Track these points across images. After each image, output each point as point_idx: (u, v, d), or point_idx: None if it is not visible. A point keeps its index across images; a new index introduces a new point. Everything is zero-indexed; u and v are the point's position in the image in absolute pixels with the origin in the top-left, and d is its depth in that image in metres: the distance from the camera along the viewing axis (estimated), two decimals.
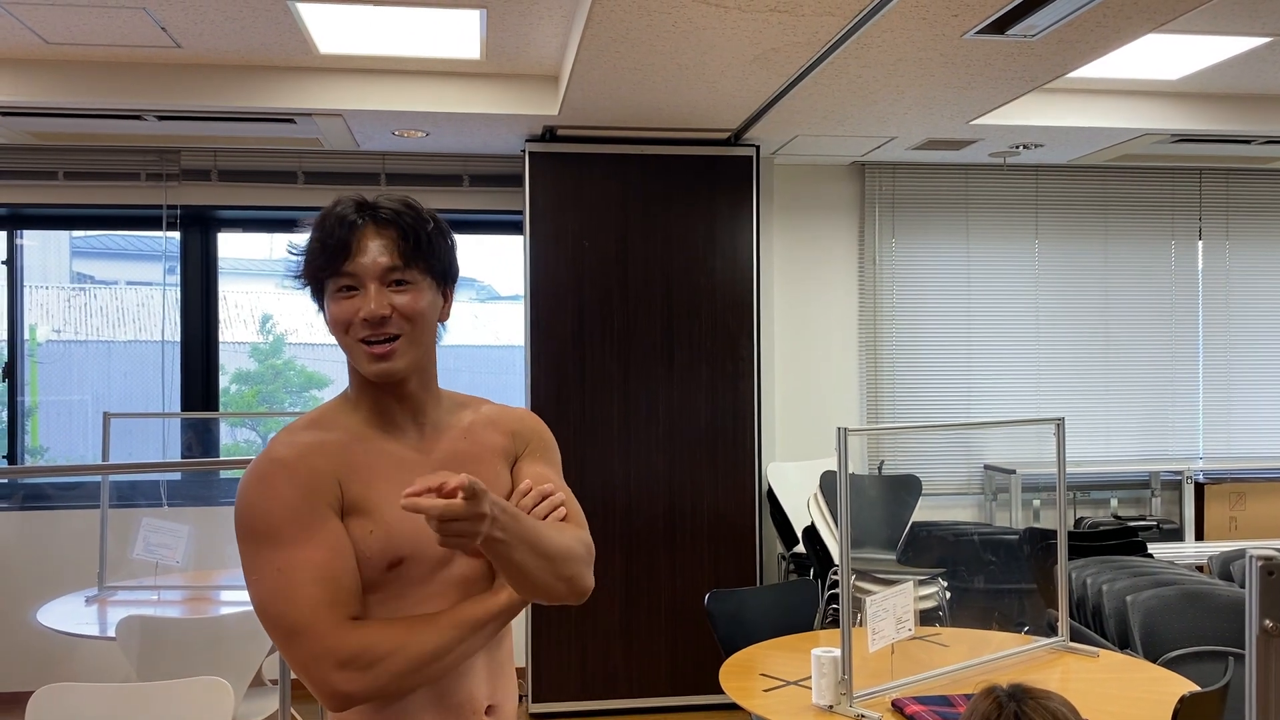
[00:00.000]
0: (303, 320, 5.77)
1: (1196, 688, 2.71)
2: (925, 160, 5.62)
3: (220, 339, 5.50)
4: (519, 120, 4.56)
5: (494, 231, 5.68)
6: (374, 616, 1.47)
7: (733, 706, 3.91)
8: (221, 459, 5.50)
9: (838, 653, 2.63)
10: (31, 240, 5.54)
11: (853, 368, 5.70)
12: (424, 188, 5.35)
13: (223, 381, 5.66)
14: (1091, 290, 5.90)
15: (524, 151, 4.90)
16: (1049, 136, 4.99)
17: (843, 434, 2.64)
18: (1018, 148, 5.27)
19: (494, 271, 5.83)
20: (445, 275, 1.58)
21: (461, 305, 6.06)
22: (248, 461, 1.60)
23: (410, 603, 1.49)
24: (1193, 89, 4.70)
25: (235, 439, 5.79)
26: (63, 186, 5.16)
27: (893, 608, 2.73)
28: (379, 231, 1.49)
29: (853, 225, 5.71)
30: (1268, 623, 1.00)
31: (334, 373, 5.74)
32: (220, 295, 5.52)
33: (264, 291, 5.80)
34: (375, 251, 1.48)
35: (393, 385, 1.53)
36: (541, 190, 4.88)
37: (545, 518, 1.55)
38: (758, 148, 4.98)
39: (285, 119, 4.46)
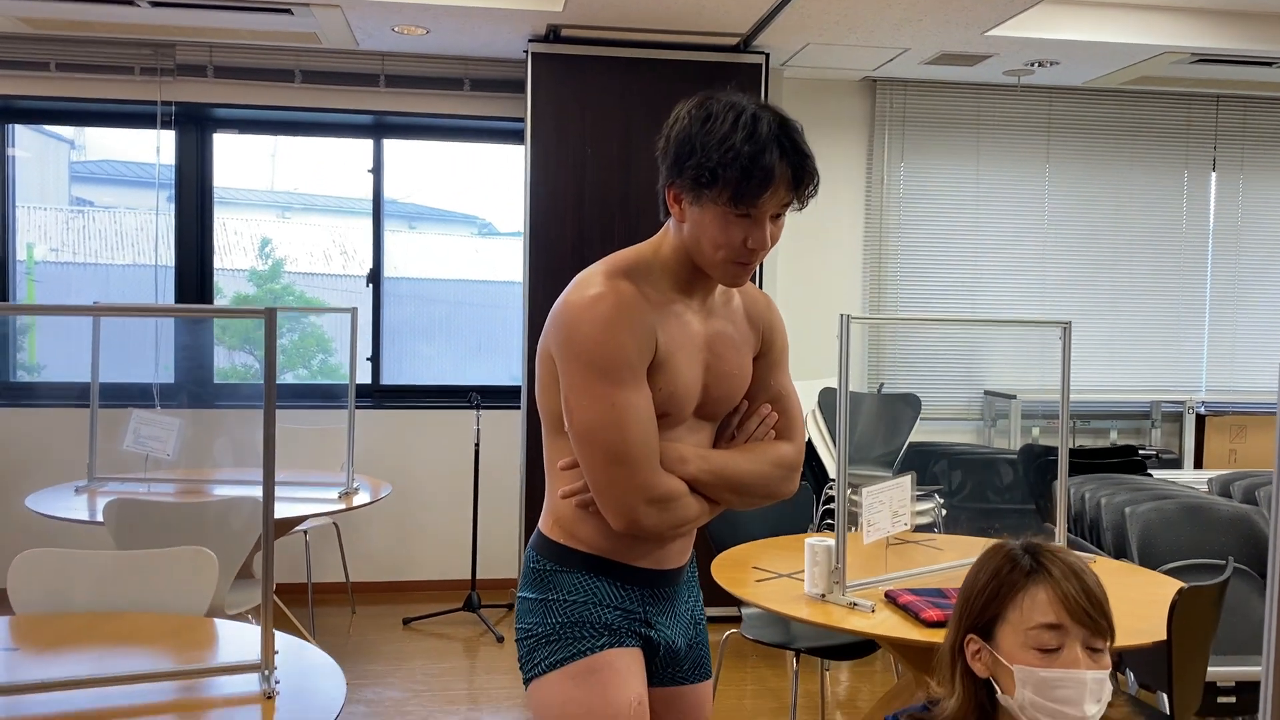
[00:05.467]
0: (302, 250, 5.70)
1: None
2: (938, 77, 5.49)
3: (216, 264, 5.44)
4: (523, 17, 4.43)
5: (494, 140, 5.56)
6: None
7: (719, 620, 3.91)
8: (218, 307, 5.43)
9: (831, 542, 2.59)
10: (27, 152, 5.44)
11: (856, 290, 5.62)
12: (424, 91, 5.23)
13: (219, 303, 5.60)
14: (1101, 218, 5.80)
15: (527, 53, 4.77)
16: (1066, 52, 4.86)
17: (845, 320, 2.58)
18: (1032, 65, 5.14)
19: (494, 207, 5.74)
20: None
21: (462, 240, 6.02)
22: (243, 313, 1.56)
23: None
24: (1216, 5, 4.57)
25: (233, 363, 5.74)
26: (55, 79, 5.04)
27: (888, 500, 2.69)
28: (789, 173, 1.60)
29: (861, 144, 5.60)
30: None
31: (333, 300, 5.66)
32: (216, 218, 5.43)
33: (264, 220, 5.72)
34: (782, 195, 1.61)
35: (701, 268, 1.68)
36: (544, 94, 4.77)
37: (761, 437, 1.78)
38: (767, 56, 4.85)
39: (282, 8, 4.34)
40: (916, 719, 1.59)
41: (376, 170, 5.51)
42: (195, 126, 5.33)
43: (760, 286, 5.12)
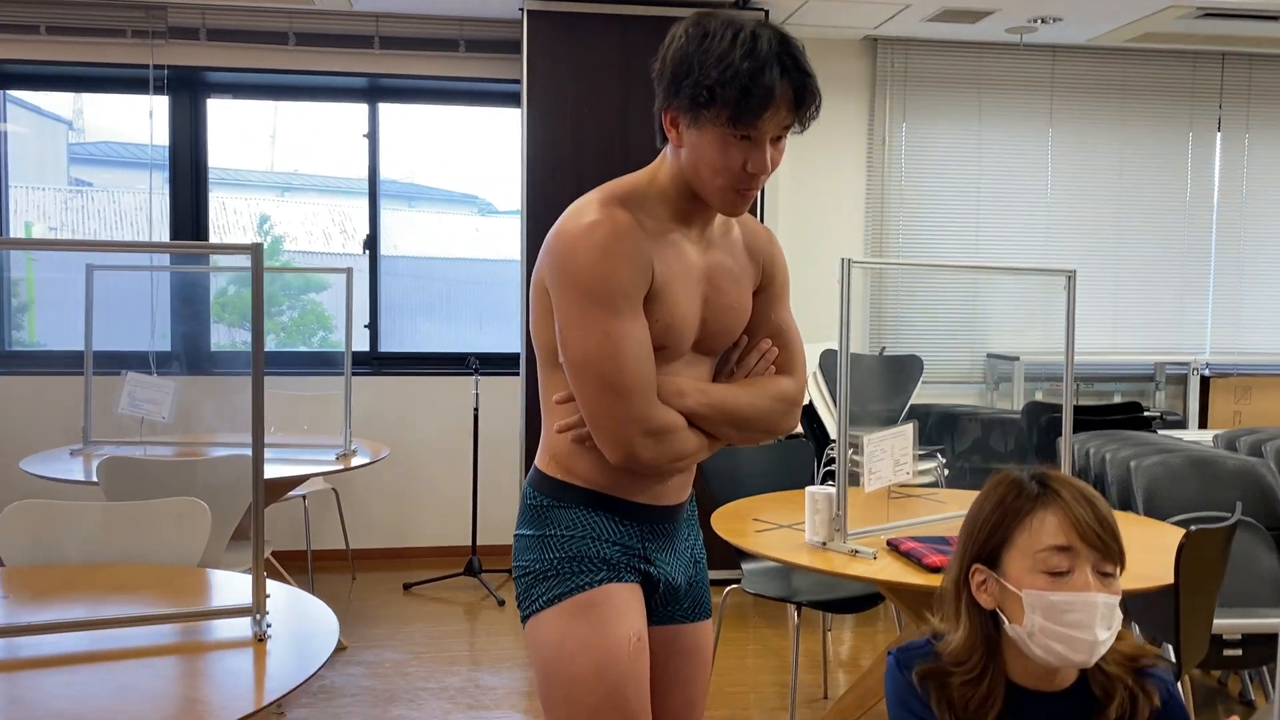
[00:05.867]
0: (302, 229, 5.66)
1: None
2: (939, 36, 5.42)
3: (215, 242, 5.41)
4: None
5: (490, 103, 5.50)
6: None
7: (717, 581, 3.87)
8: (212, 243, 5.38)
9: (832, 490, 2.56)
10: (20, 128, 5.39)
11: (858, 252, 5.57)
12: (418, 52, 5.17)
13: (220, 282, 5.57)
14: (1104, 179, 5.73)
15: (522, 10, 4.71)
16: (1069, 7, 4.79)
17: (846, 264, 2.53)
18: (1035, 21, 5.07)
19: (493, 186, 5.69)
20: None
21: (462, 219, 5.97)
22: (230, 248, 1.52)
23: None
24: None
25: (233, 339, 5.70)
26: (45, 42, 4.98)
27: (890, 449, 2.65)
28: (791, 92, 1.53)
29: (863, 105, 5.53)
30: None
31: (331, 277, 5.63)
32: (215, 197, 5.38)
33: (263, 200, 5.68)
34: (783, 115, 1.54)
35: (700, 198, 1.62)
36: (540, 53, 4.70)
37: (761, 373, 1.74)
38: (766, 12, 4.79)
39: None
40: (917, 651, 1.55)
41: (372, 136, 5.46)
42: (188, 91, 5.27)
43: None
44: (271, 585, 2.16)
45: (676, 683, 1.79)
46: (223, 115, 5.39)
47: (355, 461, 3.90)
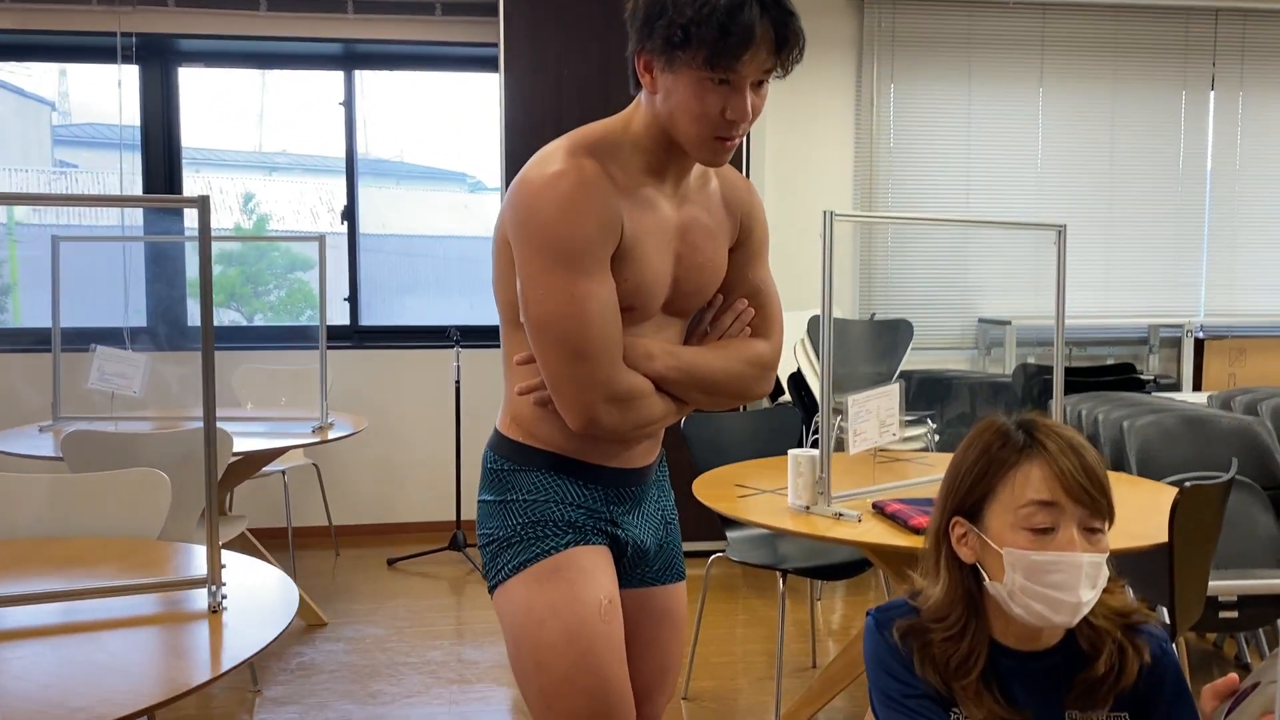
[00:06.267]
0: (289, 208, 5.55)
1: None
2: None
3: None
4: None
5: (468, 68, 5.38)
6: None
7: (696, 554, 3.79)
8: (151, 195, 5.25)
9: (815, 453, 2.47)
10: (6, 108, 5.26)
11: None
12: (393, 16, 5.05)
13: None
14: (1096, 140, 5.63)
15: None
16: None
17: (828, 217, 2.44)
18: None
19: (482, 163, 5.58)
20: None
21: (452, 196, 5.87)
22: (176, 200, 1.42)
23: None
24: None
25: (219, 319, 5.60)
26: (8, 8, 4.85)
27: (876, 410, 2.57)
28: (772, 32, 1.43)
29: (850, 65, 5.42)
30: None
31: (316, 255, 5.54)
32: (201, 177, 5.27)
33: (250, 180, 5.57)
34: (764, 57, 1.44)
35: (682, 149, 1.52)
36: (517, 14, 4.58)
37: (736, 334, 1.66)
38: None
39: None
40: (896, 611, 1.47)
41: (348, 104, 5.34)
42: (159, 60, 5.14)
43: None
44: (230, 557, 2.08)
45: (649, 647, 1.72)
46: (203, 91, 5.26)
47: (333, 434, 3.80)
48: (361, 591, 4.37)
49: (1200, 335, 5.60)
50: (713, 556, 3.32)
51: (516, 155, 4.61)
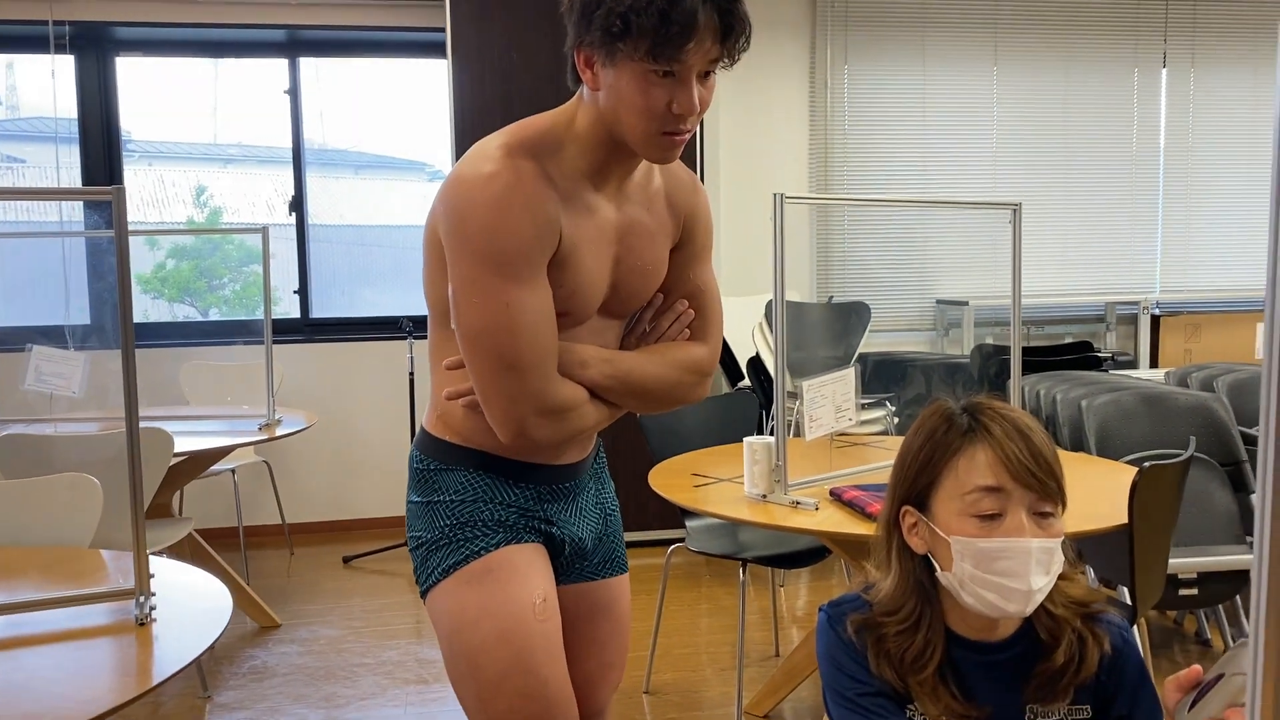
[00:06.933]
0: (244, 200, 5.41)
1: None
2: None
3: (155, 216, 5.16)
4: None
5: (416, 53, 5.27)
6: None
7: (658, 542, 3.75)
8: (63, 188, 5.09)
9: (772, 440, 2.42)
10: None
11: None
12: (337, 1, 4.92)
13: (157, 256, 5.33)
14: (1051, 120, 5.62)
15: None
16: None
17: (779, 200, 2.38)
18: None
19: (440, 151, 5.47)
20: None
21: (415, 185, 5.75)
22: (88, 193, 1.33)
23: None
24: None
25: (173, 314, 5.46)
26: None
27: (831, 394, 2.52)
28: (716, 19, 1.36)
29: (803, 47, 5.36)
30: None
31: (277, 250, 5.41)
32: (150, 169, 5.11)
33: (203, 172, 5.42)
34: (709, 47, 1.36)
35: (627, 148, 1.44)
36: None
37: (674, 337, 1.60)
38: None
39: None
40: (849, 605, 1.42)
41: (293, 92, 5.21)
42: (94, 49, 4.98)
43: None
44: (162, 564, 2.00)
45: (591, 644, 1.67)
46: (152, 82, 5.11)
47: (280, 431, 3.71)
48: (318, 590, 4.28)
49: (1156, 312, 5.62)
50: (672, 548, 3.27)
51: (467, 143, 4.51)
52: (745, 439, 2.44)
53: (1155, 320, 5.59)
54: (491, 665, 1.47)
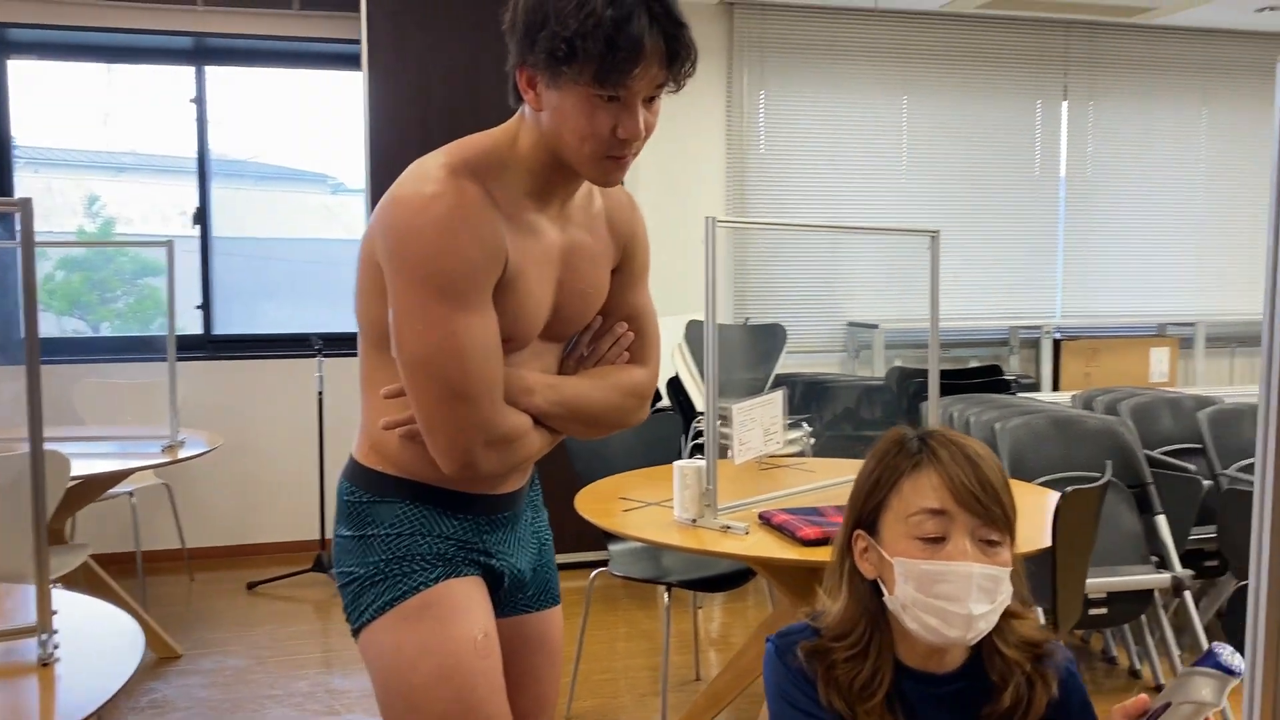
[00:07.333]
0: (137, 211, 5.20)
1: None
2: (795, 1, 5.34)
3: (43, 226, 4.92)
4: None
5: (329, 65, 5.15)
6: None
7: (576, 565, 3.71)
8: None
9: (701, 464, 2.40)
10: None
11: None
12: (246, 9, 4.79)
13: (45, 268, 5.08)
14: (958, 148, 5.77)
15: None
16: None
17: (710, 223, 2.38)
18: None
19: (345, 164, 5.35)
20: None
21: (315, 197, 5.61)
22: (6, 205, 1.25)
23: None
24: None
25: (62, 329, 5.21)
26: None
27: (760, 418, 2.52)
28: (662, 45, 1.33)
29: (720, 71, 5.41)
30: None
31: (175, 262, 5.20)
32: (37, 177, 4.88)
33: (95, 181, 5.19)
34: (655, 72, 1.34)
35: (571, 169, 1.42)
36: (380, 10, 4.39)
37: (614, 360, 1.58)
38: None
39: None
40: (797, 635, 1.40)
41: (199, 101, 5.05)
42: None
43: None
44: (66, 597, 1.88)
45: (526, 677, 1.62)
46: (41, 85, 4.88)
47: (184, 453, 3.55)
48: (221, 619, 4.11)
49: (1058, 336, 5.79)
50: (595, 571, 3.23)
51: (381, 157, 4.43)
52: (675, 464, 2.42)
53: (1057, 344, 5.77)
54: (432, 705, 1.41)
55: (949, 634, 1.29)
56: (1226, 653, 1.12)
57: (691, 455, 4.45)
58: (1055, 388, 5.69)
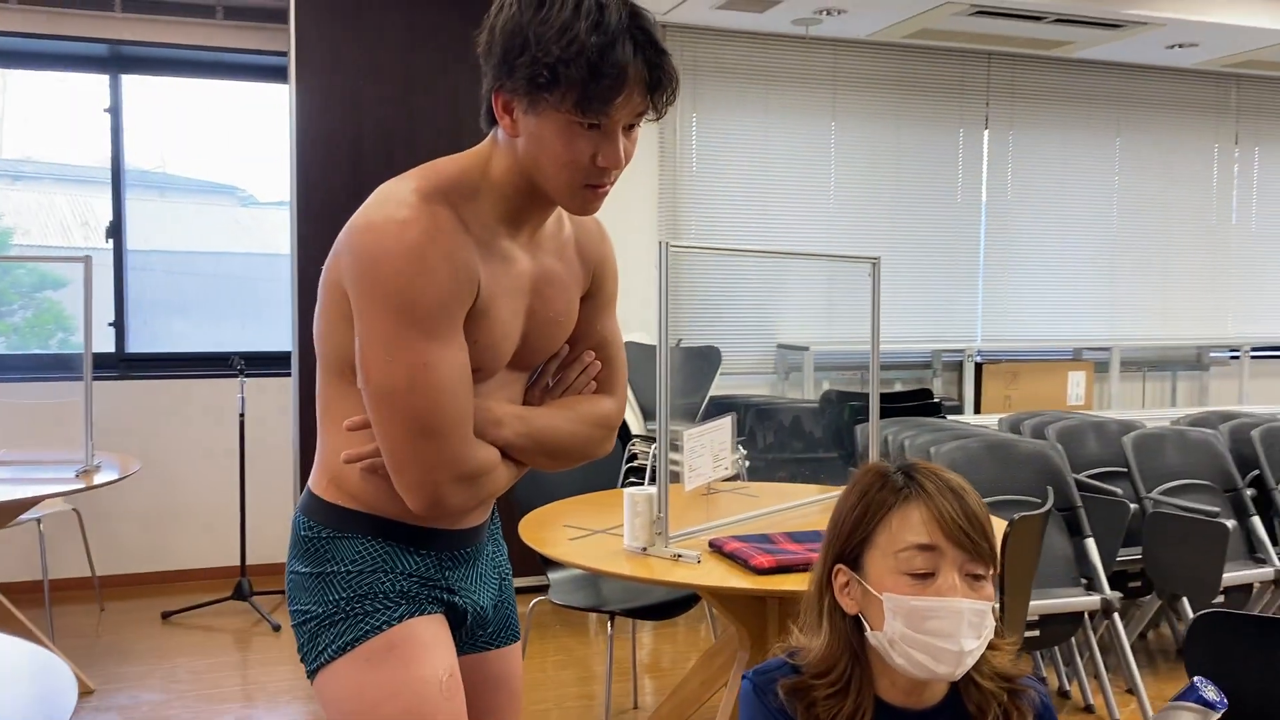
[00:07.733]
0: (35, 221, 4.97)
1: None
2: (728, 25, 5.38)
3: None
4: None
5: (254, 77, 5.02)
6: None
7: (527, 590, 3.61)
8: None
9: (652, 491, 2.37)
10: None
11: (652, 245, 5.44)
12: (168, 17, 4.63)
13: None
14: (883, 173, 5.87)
15: None
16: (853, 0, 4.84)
17: (664, 247, 2.36)
18: (820, 14, 5.10)
19: (255, 177, 5.20)
20: None
21: (224, 210, 5.44)
22: None
23: None
24: None
25: None
26: None
27: (710, 444, 2.49)
28: (645, 72, 1.29)
29: None
30: None
31: (70, 273, 4.98)
32: None
33: None
34: (637, 101, 1.31)
35: (545, 196, 1.38)
36: (310, 21, 4.29)
37: (582, 389, 1.54)
38: None
39: None
40: (774, 671, 1.37)
41: (114, 111, 4.87)
42: None
43: None
44: None
45: (486, 717, 1.59)
46: None
47: (100, 478, 3.40)
48: (134, 651, 3.93)
49: (979, 359, 5.91)
50: (535, 600, 3.16)
51: (309, 171, 4.31)
52: (626, 491, 2.38)
53: (978, 367, 5.88)
54: None
55: (938, 670, 1.29)
56: (1208, 687, 1.13)
57: (625, 479, 4.41)
58: (977, 410, 5.81)
